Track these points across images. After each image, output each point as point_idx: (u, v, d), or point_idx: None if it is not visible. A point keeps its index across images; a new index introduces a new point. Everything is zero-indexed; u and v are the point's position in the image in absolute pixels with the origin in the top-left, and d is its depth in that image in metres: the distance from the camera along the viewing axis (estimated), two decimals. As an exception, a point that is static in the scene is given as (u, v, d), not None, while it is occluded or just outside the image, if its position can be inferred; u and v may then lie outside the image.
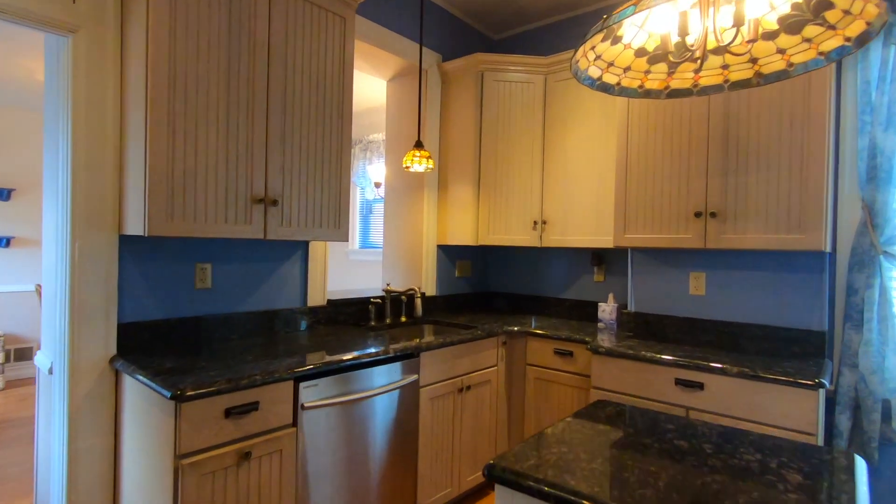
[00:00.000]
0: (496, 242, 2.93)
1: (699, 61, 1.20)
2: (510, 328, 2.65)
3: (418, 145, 2.54)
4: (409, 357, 2.12)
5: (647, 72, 1.30)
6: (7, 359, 4.56)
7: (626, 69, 1.29)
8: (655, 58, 1.27)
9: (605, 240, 2.66)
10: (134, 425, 1.70)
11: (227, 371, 1.61)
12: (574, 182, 2.79)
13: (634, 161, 2.39)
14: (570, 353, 2.46)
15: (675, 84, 1.31)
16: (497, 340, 2.62)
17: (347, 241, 2.25)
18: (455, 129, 3.06)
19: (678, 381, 1.99)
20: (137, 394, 1.68)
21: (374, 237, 5.45)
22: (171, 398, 1.40)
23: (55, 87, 1.83)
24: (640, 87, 1.33)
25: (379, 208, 5.35)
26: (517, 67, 2.92)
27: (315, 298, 2.49)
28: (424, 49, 2.99)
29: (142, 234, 1.65)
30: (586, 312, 3.04)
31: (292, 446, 1.69)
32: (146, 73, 1.62)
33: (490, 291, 3.56)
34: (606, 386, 2.20)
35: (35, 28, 1.65)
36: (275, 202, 1.94)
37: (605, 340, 2.34)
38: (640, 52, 1.26)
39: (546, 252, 3.28)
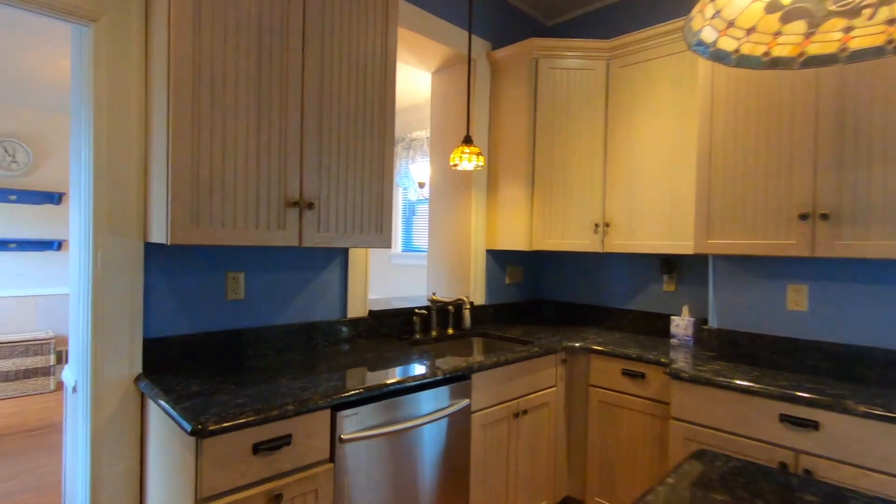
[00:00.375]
0: (553, 247, 2.64)
1: (867, 11, 0.89)
2: (570, 344, 2.36)
3: (467, 141, 2.30)
4: (460, 379, 1.88)
5: (778, 33, 1.00)
6: (58, 360, 4.63)
7: (750, 30, 1.00)
8: (792, 14, 0.97)
9: (679, 245, 2.33)
10: (158, 454, 1.54)
11: (258, 398, 1.41)
12: (642, 180, 2.47)
13: (720, 153, 2.05)
14: (642, 375, 2.15)
15: (815, 49, 1.00)
16: (556, 358, 2.33)
17: (390, 247, 2.03)
18: (506, 124, 2.79)
19: (784, 418, 1.65)
20: (160, 421, 1.51)
21: (418, 240, 5.25)
22: (192, 433, 1.21)
23: (78, 83, 1.69)
24: (766, 54, 1.03)
25: (423, 210, 5.13)
26: (576, 53, 2.62)
27: (356, 309, 2.29)
28: (472, 37, 2.74)
29: (164, 242, 1.48)
30: (654, 326, 2.71)
31: (329, 485, 1.47)
32: (168, 62, 1.45)
33: (542, 299, 3.27)
34: (690, 418, 1.88)
35: (53, 16, 1.51)
36: (311, 205, 1.74)
37: (684, 362, 2.02)
38: (773, 6, 0.96)
39: (606, 258, 2.96)
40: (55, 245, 4.61)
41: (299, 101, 1.71)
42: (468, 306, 2.55)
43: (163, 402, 1.40)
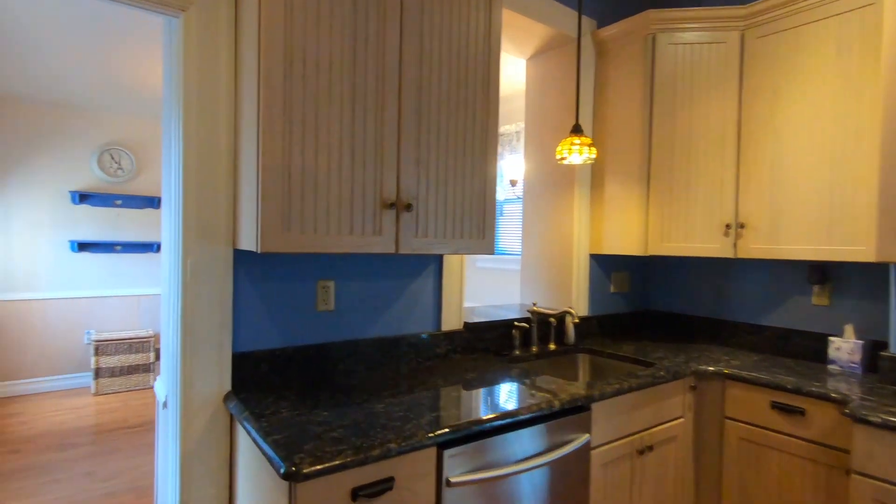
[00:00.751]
0: (673, 252, 2.27)
1: None
2: (701, 368, 1.99)
3: (576, 130, 2.00)
4: (578, 410, 1.59)
5: None
6: (157, 357, 4.85)
7: None
8: None
9: (845, 251, 1.88)
10: (248, 484, 1.39)
11: (355, 430, 1.22)
12: (790, 172, 2.04)
13: (915, 135, 1.60)
14: (801, 411, 1.75)
15: None
16: (683, 384, 1.98)
17: (493, 252, 1.78)
18: (614, 113, 2.45)
19: None
20: (249, 447, 1.36)
21: (507, 242, 4.96)
22: (285, 476, 1.03)
23: (169, 79, 1.60)
24: None
25: (512, 209, 4.84)
26: (702, 24, 2.23)
27: (450, 321, 2.06)
28: (580, 11, 2.44)
29: (254, 249, 1.33)
30: (800, 347, 2.26)
31: (435, 537, 1.25)
32: (258, 48, 1.29)
33: (651, 310, 2.88)
34: (885, 475, 1.46)
35: (142, 7, 1.41)
36: (408, 207, 1.53)
37: (864, 399, 1.60)
38: None
39: (734, 263, 2.53)
40: (154, 247, 4.84)
41: (396, 87, 1.51)
42: (576, 319, 2.25)
43: (252, 431, 1.24)
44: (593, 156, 1.99)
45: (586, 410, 1.61)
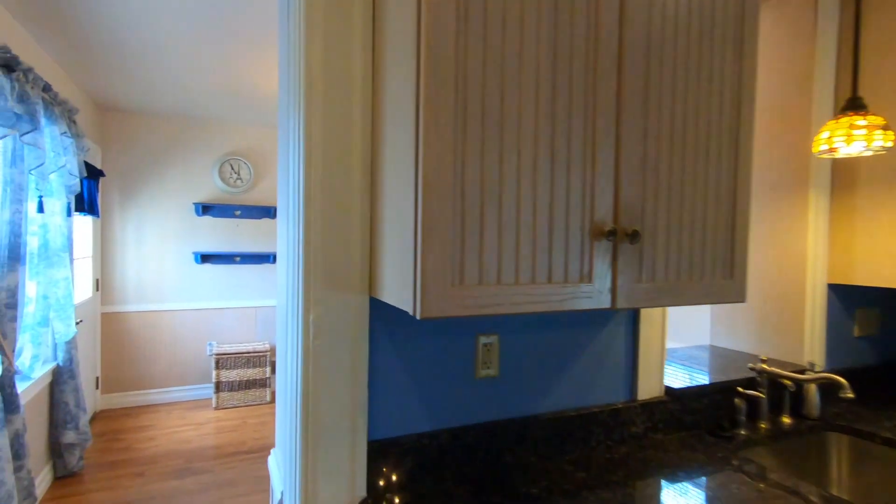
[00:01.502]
0: None
1: None
2: None
3: (856, 106, 1.30)
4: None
5: None
6: (273, 371, 4.77)
7: None
8: None
9: None
10: None
11: None
12: None
13: None
14: None
15: None
16: None
17: (744, 299, 1.15)
18: (876, 81, 1.68)
19: None
20: None
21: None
22: None
23: (285, 63, 1.19)
24: None
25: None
26: None
27: (648, 387, 1.47)
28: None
29: (408, 310, 0.85)
30: None
31: None
32: (417, 13, 0.81)
33: (910, 361, 2.04)
34: None
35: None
36: (633, 235, 0.97)
37: None
38: None
39: None
40: (271, 258, 4.76)
41: (615, 52, 0.96)
42: (822, 379, 1.53)
43: None
44: (889, 144, 1.28)
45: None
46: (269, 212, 4.72)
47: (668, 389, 1.51)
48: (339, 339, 1.07)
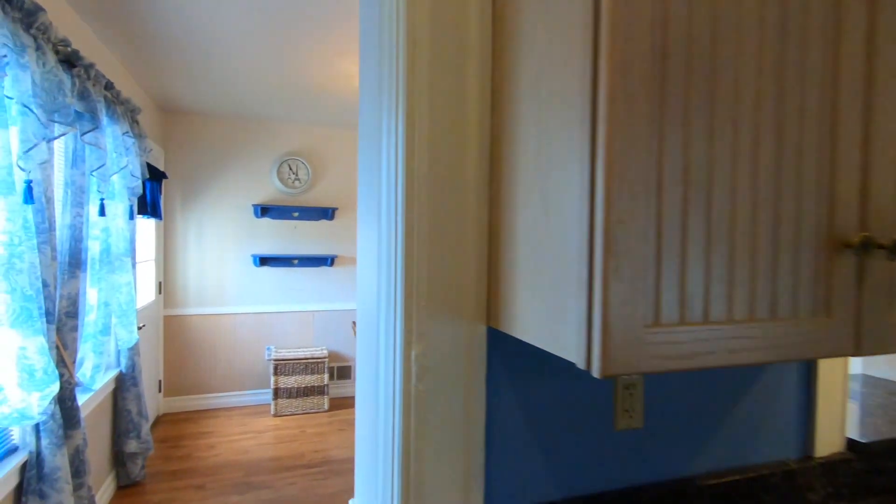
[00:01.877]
0: None
1: None
2: None
3: None
4: None
5: None
6: (331, 377, 4.64)
7: None
8: None
9: None
10: None
11: None
12: None
13: None
14: None
15: None
16: None
17: None
18: None
19: None
20: None
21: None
22: None
23: (374, 36, 0.94)
24: None
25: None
26: None
27: (828, 440, 1.13)
28: None
29: (580, 364, 0.58)
30: None
31: None
32: None
33: None
34: None
35: None
36: (892, 249, 0.65)
37: None
38: None
39: None
40: (328, 261, 4.63)
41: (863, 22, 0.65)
42: None
43: None
44: None
45: None
46: (326, 213, 4.59)
47: (852, 443, 1.16)
48: (449, 382, 0.82)
